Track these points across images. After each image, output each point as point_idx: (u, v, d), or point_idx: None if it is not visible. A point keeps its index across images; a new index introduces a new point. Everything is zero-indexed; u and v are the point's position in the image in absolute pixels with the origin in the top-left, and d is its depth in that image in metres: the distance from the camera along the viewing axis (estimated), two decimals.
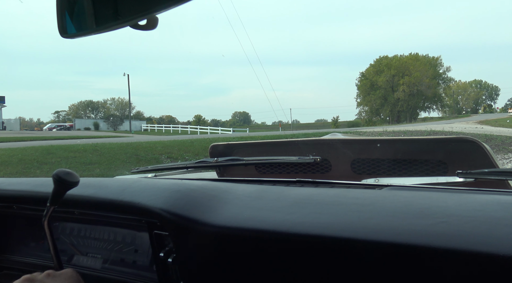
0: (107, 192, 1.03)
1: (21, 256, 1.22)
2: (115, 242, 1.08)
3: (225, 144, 1.83)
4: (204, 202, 0.93)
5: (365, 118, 71.49)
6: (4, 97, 43.62)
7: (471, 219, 0.68)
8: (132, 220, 1.01)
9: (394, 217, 0.74)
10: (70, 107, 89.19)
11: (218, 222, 0.86)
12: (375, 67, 70.31)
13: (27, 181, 1.24)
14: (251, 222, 0.83)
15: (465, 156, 1.33)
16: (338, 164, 1.56)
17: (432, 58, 73.15)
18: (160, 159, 11.61)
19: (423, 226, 0.69)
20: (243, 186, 1.05)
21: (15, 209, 1.22)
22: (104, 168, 9.93)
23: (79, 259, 1.12)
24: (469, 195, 0.84)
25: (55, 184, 0.93)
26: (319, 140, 1.66)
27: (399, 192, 0.92)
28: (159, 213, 0.91)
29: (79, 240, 1.14)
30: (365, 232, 0.71)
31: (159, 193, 0.97)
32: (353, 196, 0.89)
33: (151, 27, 0.69)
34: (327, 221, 0.77)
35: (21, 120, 64.06)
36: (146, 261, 1.02)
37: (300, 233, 0.76)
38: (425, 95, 67.38)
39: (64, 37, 0.77)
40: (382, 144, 1.47)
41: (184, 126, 46.82)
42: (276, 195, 0.94)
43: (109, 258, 1.08)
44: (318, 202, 0.87)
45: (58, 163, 10.13)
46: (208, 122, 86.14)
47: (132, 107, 70.91)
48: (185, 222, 0.88)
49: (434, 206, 0.77)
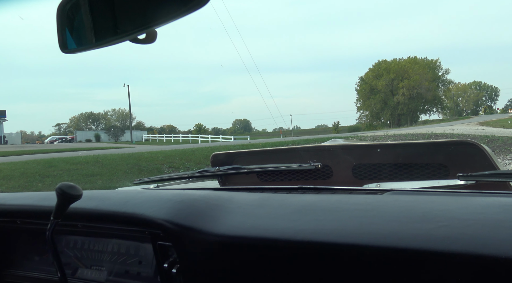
0: (110, 204, 1.03)
1: (26, 271, 1.22)
2: (119, 254, 1.08)
3: (227, 153, 1.84)
4: (207, 212, 0.93)
5: (365, 123, 71.48)
6: (5, 111, 43.76)
7: (472, 222, 0.68)
8: (135, 231, 1.02)
9: (396, 222, 0.74)
10: (71, 119, 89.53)
11: (221, 231, 0.86)
12: (374, 72, 70.48)
13: (30, 196, 1.24)
14: (254, 230, 0.83)
15: (466, 158, 1.33)
16: (339, 170, 1.57)
17: (430, 61, 73.36)
18: (162, 169, 11.60)
19: (425, 230, 0.69)
20: (245, 195, 1.05)
21: (19, 223, 1.22)
22: (106, 179, 9.92)
23: (83, 272, 1.12)
24: (470, 198, 0.84)
25: (58, 197, 0.94)
26: (319, 146, 1.66)
27: (400, 197, 0.92)
28: (162, 224, 0.92)
29: (82, 253, 1.14)
30: (368, 238, 0.71)
31: (161, 204, 0.97)
32: (355, 202, 0.89)
33: (150, 40, 0.70)
34: (329, 228, 0.77)
35: (22, 133, 64.10)
36: (150, 272, 1.02)
37: (303, 240, 0.76)
38: (425, 98, 67.46)
39: (65, 53, 0.78)
40: (383, 149, 1.48)
41: (185, 135, 46.87)
42: (278, 203, 0.95)
43: (113, 270, 1.08)
44: (320, 208, 0.87)
45: (60, 175, 10.13)
46: (209, 130, 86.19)
47: (133, 118, 71.07)
48: (188, 232, 0.89)
49: (435, 210, 0.77)
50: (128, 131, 51.71)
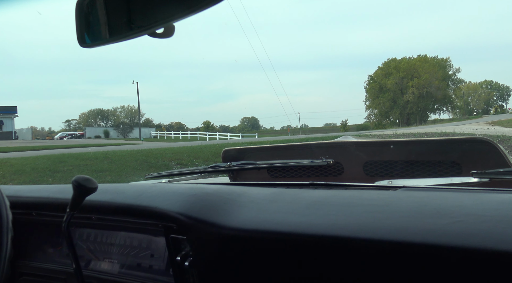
0: (125, 197, 1.05)
1: (40, 262, 1.24)
2: (131, 247, 1.09)
3: (238, 149, 1.85)
4: (220, 206, 0.94)
5: (374, 121, 71.00)
6: (16, 107, 44.32)
7: (488, 218, 0.68)
8: (148, 224, 1.03)
9: (410, 217, 0.74)
10: (81, 115, 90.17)
11: (235, 225, 0.87)
12: (384, 70, 69.93)
13: (46, 188, 1.26)
14: (267, 224, 0.84)
15: (479, 156, 1.32)
16: (351, 166, 1.56)
17: (441, 60, 72.58)
18: (170, 165, 11.67)
19: (440, 225, 0.69)
20: (258, 190, 1.06)
21: (34, 215, 1.24)
22: (115, 175, 10.01)
23: (96, 264, 1.14)
24: (484, 195, 0.84)
25: (75, 190, 0.95)
26: (331, 143, 1.66)
27: (414, 193, 0.92)
28: (176, 217, 0.93)
29: (95, 245, 1.16)
30: (382, 233, 0.71)
31: (175, 197, 0.98)
32: (368, 197, 0.89)
33: (168, 35, 0.71)
34: (343, 222, 0.77)
35: (33, 129, 64.94)
36: (162, 265, 1.03)
37: (316, 234, 0.77)
38: (435, 97, 66.78)
39: (83, 47, 0.80)
40: (395, 145, 1.47)
41: (193, 132, 47.01)
42: (291, 198, 0.95)
43: (126, 263, 1.09)
44: (332, 203, 0.87)
45: (70, 171, 10.24)
46: (217, 128, 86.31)
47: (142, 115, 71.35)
48: (202, 225, 0.89)
49: (450, 206, 0.77)
50: (136, 128, 52.09)
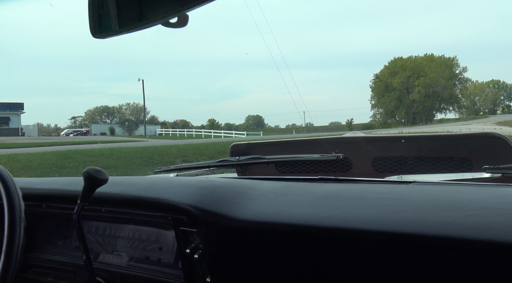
0: (135, 189, 1.05)
1: (49, 254, 1.25)
2: (139, 240, 1.10)
3: (246, 143, 1.84)
4: (230, 198, 0.94)
5: (379, 120, 70.74)
6: (23, 104, 44.68)
7: (503, 212, 0.67)
8: (157, 217, 1.03)
9: (423, 211, 0.73)
10: (86, 112, 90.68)
11: (246, 217, 0.86)
12: (390, 69, 69.64)
13: (56, 180, 1.27)
14: (278, 216, 0.83)
15: (490, 152, 1.31)
16: (359, 162, 1.55)
17: (448, 59, 72.12)
18: (175, 162, 11.70)
19: (454, 218, 0.68)
20: (267, 183, 1.06)
21: (44, 207, 1.25)
22: (121, 171, 10.05)
23: (105, 257, 1.14)
24: (499, 189, 0.83)
25: (86, 181, 0.96)
26: (340, 138, 1.65)
27: (426, 187, 0.91)
28: (186, 209, 0.93)
29: (104, 238, 1.16)
30: (394, 225, 0.71)
31: (185, 190, 0.98)
32: (380, 190, 0.89)
33: (181, 24, 0.71)
34: (354, 215, 0.77)
35: (39, 126, 65.36)
36: (171, 258, 1.03)
37: (327, 227, 0.76)
38: (441, 96, 66.40)
39: (96, 38, 0.80)
40: (405, 140, 1.46)
41: (198, 130, 47.12)
42: (301, 191, 0.95)
43: (134, 256, 1.09)
44: (343, 197, 0.87)
45: (76, 167, 10.29)
46: (222, 126, 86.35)
47: (147, 112, 71.68)
48: (212, 217, 0.89)
49: (464, 199, 0.76)
50: (142, 125, 52.24)
